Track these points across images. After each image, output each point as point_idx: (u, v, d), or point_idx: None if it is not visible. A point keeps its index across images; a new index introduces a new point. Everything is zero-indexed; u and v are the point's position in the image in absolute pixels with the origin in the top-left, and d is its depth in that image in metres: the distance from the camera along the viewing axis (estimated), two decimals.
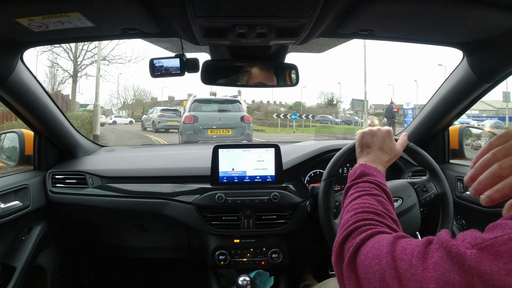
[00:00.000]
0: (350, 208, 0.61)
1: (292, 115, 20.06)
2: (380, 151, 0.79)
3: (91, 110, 12.20)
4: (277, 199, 1.21)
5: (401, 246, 0.45)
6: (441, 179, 0.98)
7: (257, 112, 34.12)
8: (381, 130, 0.83)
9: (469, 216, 1.28)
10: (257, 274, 1.27)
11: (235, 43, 0.94)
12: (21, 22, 0.78)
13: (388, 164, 0.80)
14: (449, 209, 0.97)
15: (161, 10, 0.80)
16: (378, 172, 0.72)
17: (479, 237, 0.37)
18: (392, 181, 0.99)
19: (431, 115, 1.34)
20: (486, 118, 26.42)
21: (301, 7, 0.72)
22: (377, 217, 0.57)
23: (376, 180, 0.68)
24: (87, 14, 0.77)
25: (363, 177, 0.70)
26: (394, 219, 0.59)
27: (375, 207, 0.60)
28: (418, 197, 0.96)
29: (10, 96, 1.09)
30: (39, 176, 1.33)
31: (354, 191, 0.66)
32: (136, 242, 1.50)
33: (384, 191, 0.66)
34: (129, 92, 36.09)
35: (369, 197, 0.63)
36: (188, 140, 6.30)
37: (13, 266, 1.15)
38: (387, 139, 0.82)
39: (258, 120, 26.35)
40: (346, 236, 0.54)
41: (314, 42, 1.07)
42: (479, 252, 0.35)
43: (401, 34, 0.98)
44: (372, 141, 0.81)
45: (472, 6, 0.75)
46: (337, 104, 38.95)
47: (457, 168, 1.34)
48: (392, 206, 0.64)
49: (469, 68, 1.07)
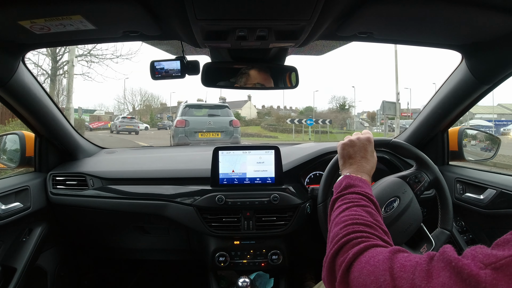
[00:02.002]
0: (339, 221, 0.58)
1: (307, 120, 18.90)
2: (363, 160, 0.79)
3: (98, 115, 11.58)
4: (277, 201, 1.22)
5: (400, 263, 0.42)
6: (430, 166, 0.98)
7: (268, 117, 33.45)
8: (360, 139, 0.82)
9: (468, 217, 1.28)
10: (257, 276, 1.27)
11: (235, 45, 0.94)
12: (23, 24, 0.79)
13: (372, 171, 0.79)
14: (445, 192, 0.97)
15: (162, 13, 0.80)
16: (364, 183, 0.71)
17: (492, 256, 0.34)
18: (383, 180, 0.98)
19: (430, 117, 1.34)
20: (508, 122, 24.54)
21: (301, 10, 0.73)
22: (369, 229, 0.54)
23: (363, 191, 0.67)
24: (89, 16, 0.78)
25: (349, 189, 0.68)
26: (384, 230, 0.57)
27: (365, 218, 0.57)
28: (413, 190, 0.96)
29: (11, 98, 1.09)
30: (40, 177, 1.33)
31: (341, 203, 0.64)
32: (136, 244, 1.50)
33: (372, 202, 0.65)
34: (136, 97, 35.74)
35: (357, 208, 0.61)
36: (179, 142, 6.68)
37: (14, 268, 1.15)
38: (368, 147, 0.81)
39: (270, 126, 25.52)
40: (337, 251, 0.51)
41: (313, 44, 1.07)
42: (494, 273, 0.32)
43: (400, 37, 0.98)
44: (353, 152, 0.80)
45: (471, 9, 0.75)
46: (349, 109, 37.68)
47: (457, 170, 1.34)
48: (381, 217, 0.62)
49: (467, 70, 1.07)
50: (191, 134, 6.72)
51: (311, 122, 18.75)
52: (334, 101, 39.36)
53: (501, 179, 1.16)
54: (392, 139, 1.01)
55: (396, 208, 0.90)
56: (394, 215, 0.90)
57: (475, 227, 1.27)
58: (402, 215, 0.90)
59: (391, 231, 0.90)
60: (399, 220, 0.90)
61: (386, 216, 0.90)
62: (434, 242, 0.92)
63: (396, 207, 0.91)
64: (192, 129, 6.78)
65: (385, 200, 0.91)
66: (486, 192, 1.16)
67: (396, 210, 0.90)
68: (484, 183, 1.18)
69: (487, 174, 1.22)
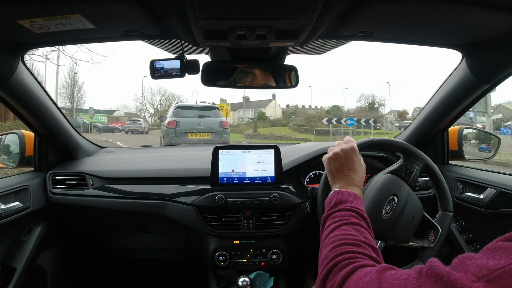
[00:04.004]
0: (328, 242, 0.58)
1: (347, 120, 15.77)
2: (351, 172, 0.77)
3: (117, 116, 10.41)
4: (277, 200, 1.22)
5: (388, 282, 0.42)
6: (417, 154, 0.97)
7: (296, 117, 30.49)
8: (345, 150, 0.80)
9: (468, 216, 1.28)
10: (257, 275, 1.27)
11: (235, 45, 0.94)
12: (22, 23, 0.79)
13: (362, 181, 0.78)
14: (437, 175, 0.98)
15: (161, 12, 0.80)
16: (354, 197, 0.70)
17: (484, 268, 0.33)
18: (376, 180, 0.97)
19: (430, 117, 1.34)
20: None
21: (301, 9, 0.73)
22: (357, 248, 0.54)
23: (353, 207, 0.66)
24: (88, 16, 0.78)
25: (339, 205, 0.68)
26: (373, 247, 0.57)
27: (353, 237, 0.57)
28: (407, 182, 0.95)
29: (11, 97, 1.09)
30: (40, 177, 1.33)
31: (331, 222, 0.64)
32: (136, 243, 1.50)
33: (362, 217, 0.64)
34: (156, 96, 33.73)
35: (346, 226, 0.61)
36: (170, 142, 6.90)
37: (13, 267, 1.15)
38: (354, 157, 0.80)
39: (300, 127, 22.25)
40: (327, 274, 0.52)
41: (313, 43, 1.07)
42: (488, 286, 0.31)
43: (400, 36, 0.98)
44: (340, 165, 0.79)
45: (471, 8, 0.75)
46: (379, 108, 34.54)
47: (457, 169, 1.34)
48: (371, 233, 0.62)
49: (467, 69, 1.07)
50: (182, 135, 6.93)
51: (352, 122, 15.50)
52: (362, 99, 36.18)
53: (501, 178, 1.16)
54: (374, 138, 1.00)
55: (396, 207, 0.90)
56: (395, 214, 0.90)
57: (475, 226, 1.27)
58: (404, 211, 0.91)
59: (396, 229, 0.90)
60: (401, 217, 0.90)
61: (388, 217, 0.90)
62: (439, 227, 0.92)
63: (395, 206, 0.91)
64: (182, 129, 6.98)
65: (383, 201, 0.91)
66: (486, 192, 1.16)
67: (396, 208, 0.90)
68: (484, 183, 1.18)
69: (487, 173, 1.22)
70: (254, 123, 25.05)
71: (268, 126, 25.47)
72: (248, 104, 35.97)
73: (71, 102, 25.50)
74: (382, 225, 0.90)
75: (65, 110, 23.16)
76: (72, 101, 25.48)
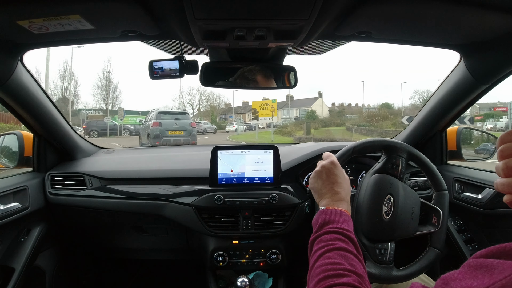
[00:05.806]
0: (314, 273, 0.58)
1: None
2: (335, 185, 0.76)
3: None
4: (275, 200, 1.22)
5: None
6: (396, 146, 0.97)
7: (350, 116, 27.09)
8: (324, 167, 0.79)
9: (467, 216, 1.28)
10: (256, 275, 1.27)
11: (234, 45, 0.94)
12: (21, 24, 0.79)
13: (349, 193, 0.78)
14: (422, 159, 0.97)
15: (160, 13, 0.80)
16: (340, 215, 0.68)
17: None
18: (366, 183, 0.96)
19: (429, 117, 1.34)
20: None
21: (299, 10, 0.73)
22: (341, 279, 0.53)
23: (339, 228, 0.65)
24: (87, 16, 0.78)
25: (324, 227, 0.66)
26: (358, 273, 0.56)
27: (337, 266, 0.56)
28: (396, 177, 0.94)
29: (9, 98, 1.09)
30: (38, 177, 1.33)
31: (316, 248, 0.63)
32: (135, 244, 1.50)
33: (349, 239, 0.63)
34: (195, 96, 32.14)
35: (331, 253, 0.59)
36: (154, 136, 9.45)
37: (12, 268, 1.15)
38: (335, 170, 0.78)
39: (362, 128, 18.52)
40: None
41: (312, 44, 1.08)
42: None
43: (398, 36, 0.98)
44: (322, 182, 0.78)
45: (469, 8, 0.76)
46: None
47: (455, 169, 1.35)
48: (359, 256, 0.61)
49: (466, 69, 1.08)
50: (163, 132, 9.60)
51: None
52: (416, 95, 31.56)
53: None
54: (353, 144, 0.98)
55: (394, 205, 0.90)
56: (396, 213, 0.90)
57: (473, 226, 1.28)
58: (402, 206, 0.91)
59: (401, 227, 0.90)
60: (402, 213, 0.90)
61: (389, 218, 0.90)
62: (440, 209, 0.92)
63: (393, 205, 0.91)
64: (164, 128, 9.63)
65: (380, 205, 0.91)
66: (484, 192, 1.17)
67: (395, 207, 0.90)
68: (483, 183, 1.18)
69: (486, 173, 1.23)
70: (307, 124, 21.29)
71: (319, 126, 22.24)
72: (293, 103, 33.80)
73: (105, 103, 24.32)
74: (386, 228, 0.90)
75: (102, 113, 21.96)
76: (106, 102, 24.27)
